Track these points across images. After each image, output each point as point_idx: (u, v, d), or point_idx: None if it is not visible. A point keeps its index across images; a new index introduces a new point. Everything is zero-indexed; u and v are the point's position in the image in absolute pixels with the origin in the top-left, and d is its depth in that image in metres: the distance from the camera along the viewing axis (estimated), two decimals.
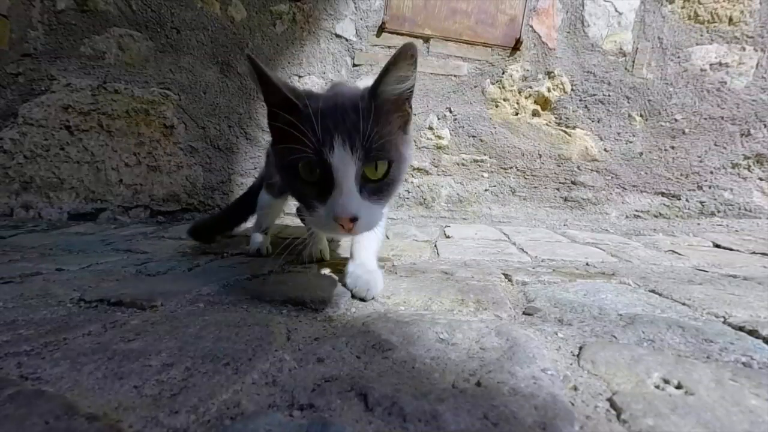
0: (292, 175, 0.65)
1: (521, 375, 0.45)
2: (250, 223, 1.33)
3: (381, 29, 2.06)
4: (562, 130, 2.13)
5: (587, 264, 1.12)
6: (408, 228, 1.81)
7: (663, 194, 2.12)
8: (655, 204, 2.12)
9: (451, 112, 2.12)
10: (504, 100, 2.12)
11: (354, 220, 0.60)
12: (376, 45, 2.08)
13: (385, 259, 1.10)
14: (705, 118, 2.06)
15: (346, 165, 0.59)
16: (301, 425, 0.36)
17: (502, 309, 0.69)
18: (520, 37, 2.04)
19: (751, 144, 2.04)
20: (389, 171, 0.65)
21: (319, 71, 2.08)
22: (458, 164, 2.15)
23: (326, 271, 0.94)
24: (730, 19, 2.01)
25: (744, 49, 2.01)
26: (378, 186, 0.65)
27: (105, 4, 2.01)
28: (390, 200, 0.71)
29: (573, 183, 2.15)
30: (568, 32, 2.08)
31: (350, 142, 0.59)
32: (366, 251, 0.86)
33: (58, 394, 0.40)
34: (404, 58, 0.61)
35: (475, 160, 2.15)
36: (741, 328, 0.60)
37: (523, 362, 0.48)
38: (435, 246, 1.37)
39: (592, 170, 2.14)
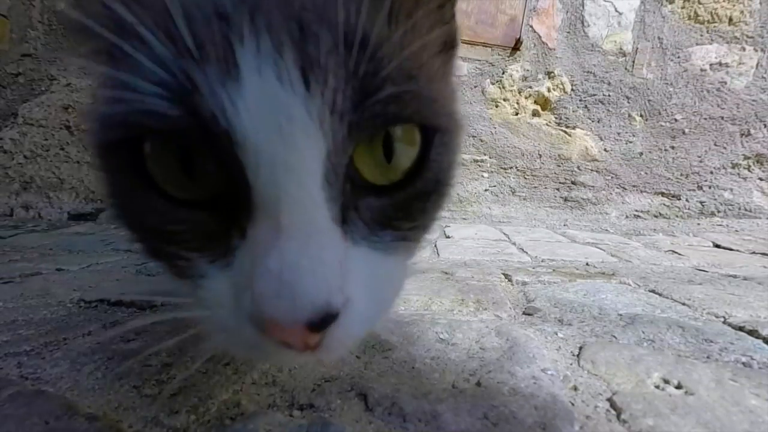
0: (121, 177, 0.26)
1: (521, 375, 0.45)
2: None
3: None
4: (562, 130, 2.13)
5: (587, 264, 1.12)
6: None
7: (663, 194, 2.12)
8: (655, 204, 2.12)
9: None
10: (504, 100, 2.12)
11: (324, 323, 0.22)
12: None
13: None
14: (705, 118, 2.06)
15: (288, 128, 0.21)
16: (301, 425, 0.36)
17: (502, 309, 0.69)
18: (520, 37, 2.04)
19: (751, 144, 2.04)
20: (428, 154, 0.27)
21: None
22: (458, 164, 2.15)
23: None
24: (730, 19, 2.01)
25: (744, 49, 2.01)
26: (399, 200, 0.27)
27: None
28: (429, 234, 0.33)
29: (573, 183, 2.15)
30: (568, 32, 2.08)
31: (303, 54, 0.21)
32: None
33: (58, 394, 0.40)
34: None
35: (475, 160, 2.15)
36: (741, 328, 0.60)
37: (523, 362, 0.48)
38: (435, 246, 1.37)
39: (592, 170, 2.13)
